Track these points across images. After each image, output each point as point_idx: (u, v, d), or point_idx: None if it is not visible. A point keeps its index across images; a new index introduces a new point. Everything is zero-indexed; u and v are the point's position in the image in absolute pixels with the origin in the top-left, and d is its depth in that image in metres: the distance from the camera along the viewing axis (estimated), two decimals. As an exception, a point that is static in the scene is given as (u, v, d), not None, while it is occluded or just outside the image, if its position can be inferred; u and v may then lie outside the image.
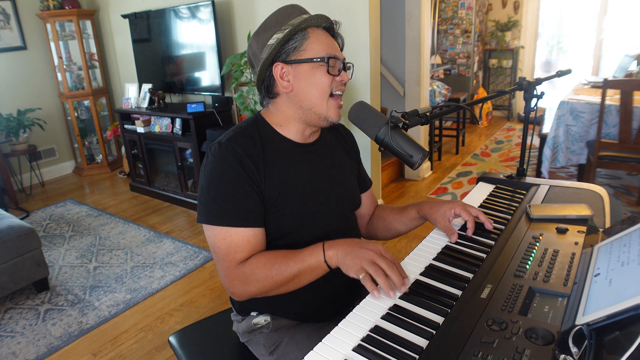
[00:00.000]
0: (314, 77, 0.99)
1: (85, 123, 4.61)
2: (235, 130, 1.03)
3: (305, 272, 0.92)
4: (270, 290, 0.95)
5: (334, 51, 1.00)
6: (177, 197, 3.69)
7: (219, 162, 0.97)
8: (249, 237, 0.96)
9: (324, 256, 0.90)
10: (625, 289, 0.63)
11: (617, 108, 2.71)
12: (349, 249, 0.89)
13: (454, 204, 1.11)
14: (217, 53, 3.27)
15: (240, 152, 0.97)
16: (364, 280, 0.84)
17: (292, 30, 0.97)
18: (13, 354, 2.03)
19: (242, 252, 0.95)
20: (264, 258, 0.94)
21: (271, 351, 1.07)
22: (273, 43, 0.98)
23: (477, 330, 0.70)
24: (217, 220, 0.95)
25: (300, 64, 0.99)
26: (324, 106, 1.01)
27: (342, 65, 1.02)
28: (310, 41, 0.99)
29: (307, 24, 0.99)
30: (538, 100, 1.26)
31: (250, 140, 1.01)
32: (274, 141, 1.04)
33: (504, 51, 5.82)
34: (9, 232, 2.34)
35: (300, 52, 0.99)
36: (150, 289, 2.49)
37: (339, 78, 1.01)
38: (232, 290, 0.97)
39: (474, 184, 2.59)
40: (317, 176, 1.09)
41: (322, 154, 1.12)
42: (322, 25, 1.02)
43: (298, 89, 1.01)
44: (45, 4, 4.11)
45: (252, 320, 1.10)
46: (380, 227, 1.28)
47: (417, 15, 3.59)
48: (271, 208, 1.00)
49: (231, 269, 0.95)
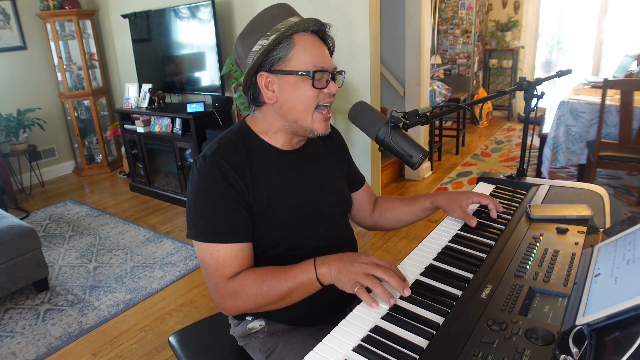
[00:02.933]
0: (298, 90, 0.95)
1: (85, 123, 4.61)
2: (220, 142, 1.00)
3: (297, 290, 0.90)
4: (261, 307, 0.93)
5: (321, 62, 0.95)
6: (177, 197, 3.69)
7: (204, 177, 0.95)
8: (237, 252, 0.95)
9: (315, 274, 0.89)
10: (629, 288, 0.63)
11: (617, 108, 2.71)
12: (342, 265, 0.87)
13: (471, 195, 1.16)
14: (217, 53, 3.27)
15: (226, 166, 0.95)
16: (359, 293, 0.82)
17: (277, 37, 0.93)
18: (13, 354, 2.03)
19: (231, 267, 0.94)
20: (254, 275, 0.93)
21: (267, 356, 1.07)
22: (257, 50, 0.95)
23: (477, 330, 0.70)
24: (204, 236, 0.94)
25: (285, 76, 0.95)
26: (308, 120, 0.98)
27: (331, 76, 0.98)
28: (296, 50, 0.94)
29: (294, 29, 0.93)
30: (538, 100, 1.26)
31: (235, 152, 0.98)
32: (260, 150, 1.02)
33: (504, 51, 5.82)
34: (9, 232, 2.34)
35: (285, 62, 0.94)
36: (150, 289, 2.49)
37: (326, 90, 0.97)
38: (222, 306, 0.96)
39: (474, 184, 2.59)
40: (306, 182, 1.07)
41: (309, 159, 1.10)
42: (310, 29, 0.96)
43: (282, 101, 0.97)
44: (45, 4, 4.11)
45: (247, 325, 1.10)
46: (389, 218, 1.28)
47: (417, 15, 3.59)
48: (261, 219, 0.99)
49: (220, 285, 0.94)
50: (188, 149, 3.50)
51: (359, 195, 1.27)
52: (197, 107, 3.35)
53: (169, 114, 3.52)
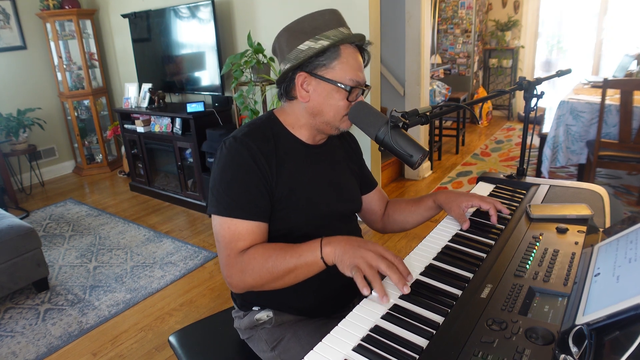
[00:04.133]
0: (332, 98, 1.00)
1: (85, 123, 4.61)
2: (250, 126, 1.05)
3: (302, 267, 0.91)
4: (266, 282, 0.94)
5: (359, 77, 1.00)
6: (177, 196, 3.69)
7: (234, 156, 0.99)
8: (253, 228, 0.98)
9: (320, 252, 0.89)
10: (632, 286, 0.63)
11: (617, 108, 2.71)
12: (348, 247, 0.88)
13: (472, 197, 1.16)
14: (217, 53, 3.27)
15: (255, 149, 0.99)
16: (355, 276, 0.82)
17: (327, 45, 0.97)
18: (13, 354, 2.03)
19: (244, 241, 0.97)
20: (262, 249, 0.95)
21: (273, 347, 1.07)
22: (303, 49, 0.98)
23: (477, 330, 0.70)
24: (226, 211, 0.97)
25: (323, 82, 1.00)
26: (336, 123, 1.04)
27: (362, 92, 1.04)
28: (340, 61, 0.98)
29: (343, 41, 0.98)
30: (538, 100, 1.26)
31: (263, 138, 1.02)
32: (286, 141, 1.07)
33: (504, 51, 5.82)
34: (9, 232, 2.34)
35: (328, 70, 0.99)
36: (150, 288, 2.49)
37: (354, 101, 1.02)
38: (229, 280, 0.97)
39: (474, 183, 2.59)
40: (323, 177, 1.11)
41: (328, 156, 1.15)
42: (355, 42, 1.01)
43: (315, 102, 1.02)
44: (45, 4, 4.10)
45: (255, 316, 1.11)
46: (397, 220, 1.31)
47: (417, 15, 3.59)
48: (278, 206, 1.02)
49: (231, 257, 0.96)
50: (188, 149, 3.50)
51: (369, 198, 1.31)
52: (197, 107, 3.35)
53: (169, 113, 3.52)
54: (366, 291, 0.81)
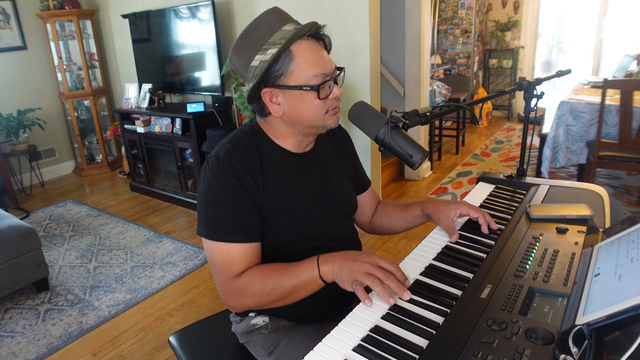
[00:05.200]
0: (305, 102, 0.95)
1: (85, 123, 4.61)
2: (232, 141, 1.01)
3: (301, 287, 0.91)
4: (267, 304, 0.95)
5: (322, 68, 0.94)
6: (177, 197, 3.69)
7: (217, 177, 0.96)
8: (245, 251, 0.96)
9: (318, 271, 0.89)
10: (634, 286, 0.63)
11: (617, 108, 2.71)
12: (344, 263, 0.88)
13: (460, 205, 1.11)
14: (217, 53, 3.27)
15: (238, 167, 0.96)
16: (356, 290, 0.83)
17: (276, 53, 0.91)
18: (13, 354, 2.03)
19: (239, 265, 0.95)
20: (259, 272, 0.94)
21: (270, 352, 1.07)
22: (256, 65, 0.93)
23: (477, 330, 0.70)
24: (214, 235, 0.95)
25: (290, 90, 0.94)
26: (319, 122, 0.99)
27: (333, 80, 0.97)
28: (296, 62, 0.92)
29: (290, 41, 0.91)
30: (538, 100, 1.26)
31: (247, 153, 0.99)
32: (271, 152, 1.03)
33: (504, 51, 5.82)
34: (9, 232, 2.34)
35: (287, 76, 0.93)
36: (150, 289, 2.49)
37: (331, 96, 0.97)
38: (228, 303, 0.97)
39: (474, 184, 2.59)
40: (314, 185, 1.08)
41: (318, 161, 1.11)
42: (306, 35, 0.94)
43: (289, 112, 0.97)
44: (45, 4, 4.11)
45: (251, 321, 1.10)
46: (384, 223, 1.28)
47: (417, 15, 3.59)
48: (270, 221, 1.00)
49: (227, 282, 0.95)
50: (188, 149, 3.50)
51: (362, 198, 1.29)
52: (197, 107, 3.35)
53: (169, 114, 3.52)
54: (368, 302, 0.82)
